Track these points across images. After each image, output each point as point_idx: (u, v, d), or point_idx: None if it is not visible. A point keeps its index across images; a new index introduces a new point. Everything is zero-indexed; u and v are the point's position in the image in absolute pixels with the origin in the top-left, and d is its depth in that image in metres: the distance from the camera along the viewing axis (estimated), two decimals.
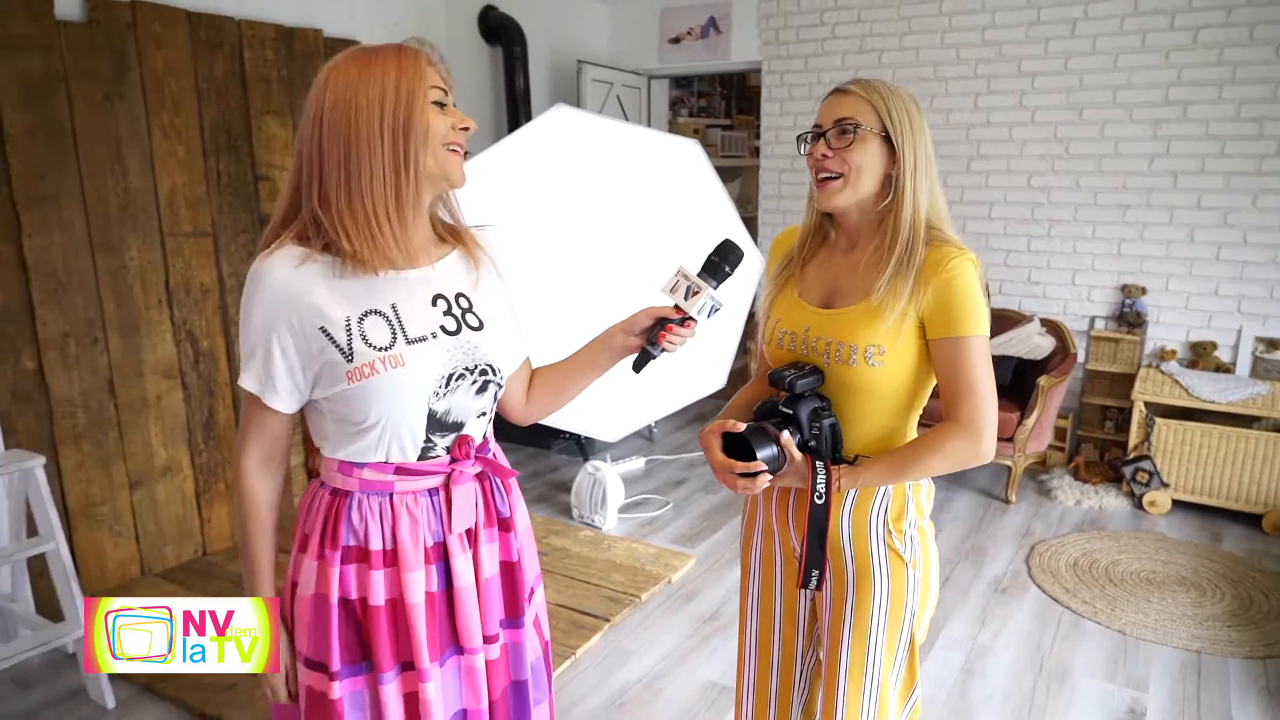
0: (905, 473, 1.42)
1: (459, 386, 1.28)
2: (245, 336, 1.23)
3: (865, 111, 1.42)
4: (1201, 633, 3.02)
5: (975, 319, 1.39)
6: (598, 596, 3.23)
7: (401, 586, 1.27)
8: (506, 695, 1.41)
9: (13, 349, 2.92)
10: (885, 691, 1.52)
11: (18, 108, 2.84)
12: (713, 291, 1.36)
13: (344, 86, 1.18)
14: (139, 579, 3.35)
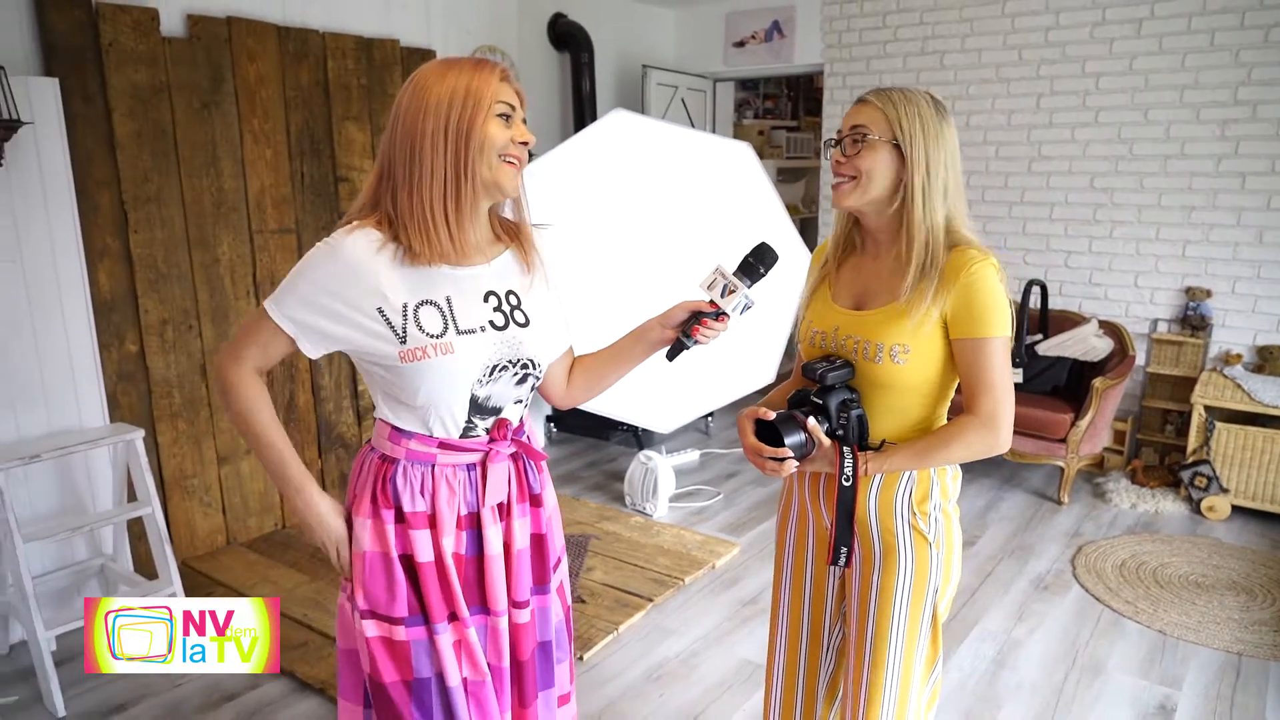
0: (927, 460, 1.53)
1: (501, 376, 1.41)
2: (296, 281, 1.35)
3: (877, 120, 1.52)
4: (1246, 635, 3.00)
5: (995, 320, 1.48)
6: (643, 578, 3.38)
7: (439, 548, 1.42)
8: (535, 654, 1.56)
9: (118, 334, 3.24)
10: (909, 665, 1.61)
11: (126, 116, 3.16)
12: (747, 290, 1.48)
13: (419, 91, 1.32)
14: (225, 548, 3.65)
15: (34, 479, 2.95)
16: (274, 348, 1.39)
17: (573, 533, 3.77)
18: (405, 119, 1.32)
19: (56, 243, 2.94)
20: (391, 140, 1.34)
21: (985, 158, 4.83)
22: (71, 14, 2.99)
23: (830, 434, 1.54)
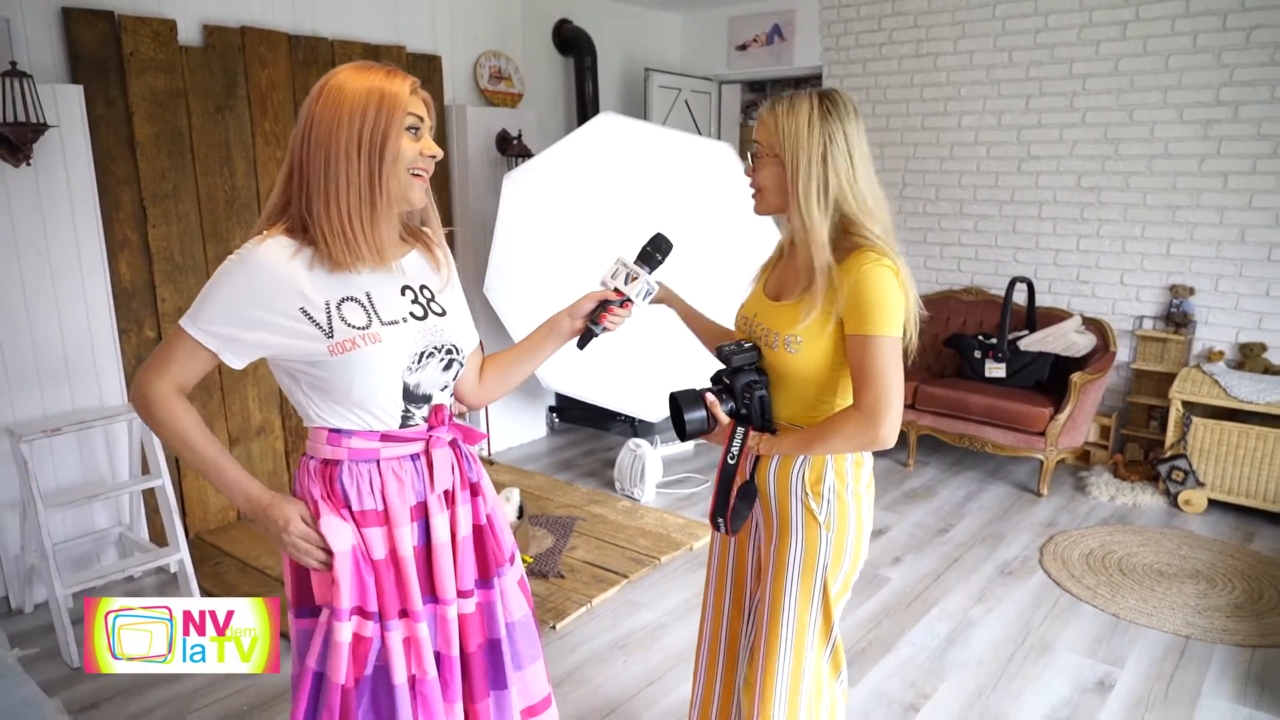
0: (811, 447, 1.65)
1: (429, 364, 1.48)
2: (211, 295, 1.36)
3: (765, 134, 1.63)
4: (1197, 620, 3.10)
5: (882, 320, 1.54)
6: (622, 557, 3.56)
7: (394, 541, 1.47)
8: (483, 650, 1.59)
9: (137, 320, 3.50)
10: (802, 631, 1.74)
11: (146, 119, 3.42)
12: (648, 277, 1.62)
13: (331, 104, 1.35)
14: (235, 523, 3.91)
15: (58, 452, 3.21)
16: (194, 364, 1.39)
17: (562, 515, 3.96)
18: (318, 129, 1.36)
19: (80, 236, 3.21)
20: (305, 148, 1.37)
21: (976, 157, 4.93)
22: (96, 26, 3.26)
23: (735, 413, 1.68)
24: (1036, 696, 2.67)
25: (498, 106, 4.74)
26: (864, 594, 3.30)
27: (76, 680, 2.78)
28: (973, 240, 5.03)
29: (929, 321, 4.99)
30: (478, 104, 4.70)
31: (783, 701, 1.78)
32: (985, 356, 4.48)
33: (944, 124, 5.02)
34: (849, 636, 3.00)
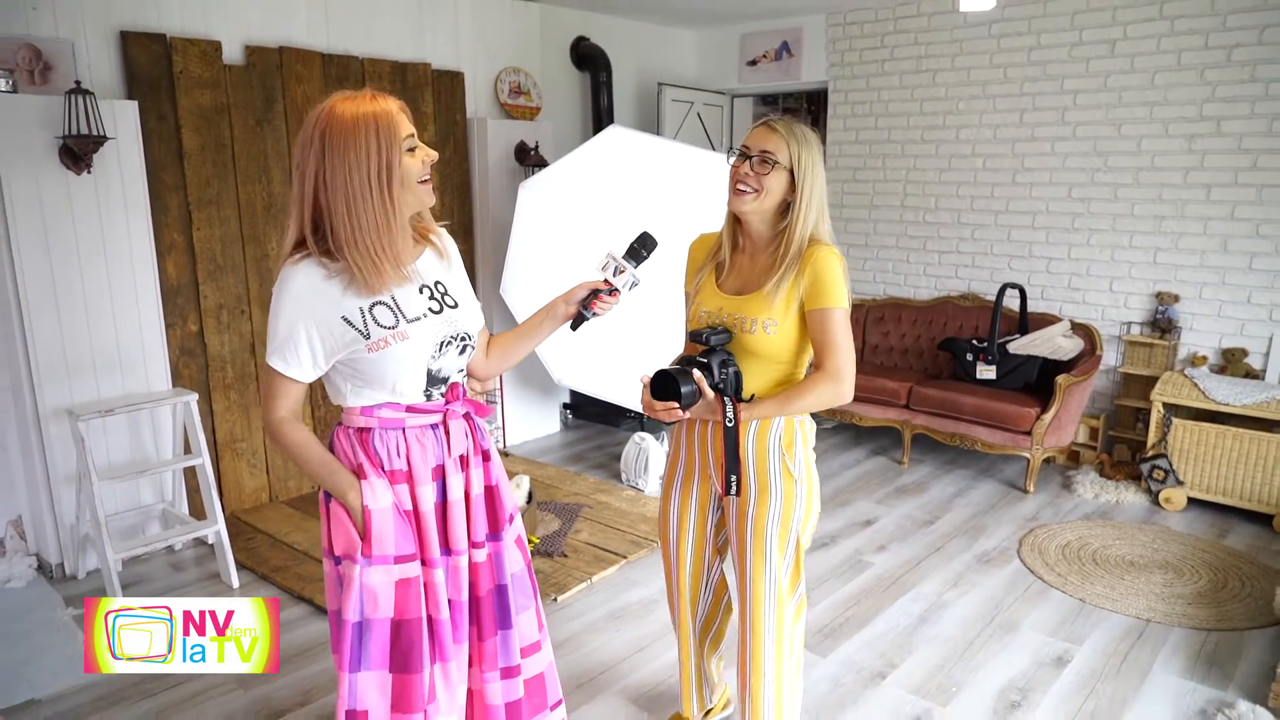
0: (787, 408, 1.96)
1: (448, 351, 1.76)
2: (275, 327, 1.61)
3: (782, 149, 1.93)
4: (1159, 606, 3.29)
5: (835, 295, 1.91)
6: (623, 540, 3.82)
7: (416, 498, 1.73)
8: (491, 594, 1.84)
9: (181, 315, 3.83)
10: (779, 579, 2.05)
11: (193, 131, 3.75)
12: (633, 270, 1.89)
13: (336, 147, 1.55)
14: (268, 504, 4.22)
15: (110, 433, 3.54)
16: (291, 390, 1.66)
17: (569, 502, 4.23)
18: (331, 180, 1.56)
19: (133, 238, 3.54)
20: (320, 194, 1.58)
21: (973, 169, 5.14)
22: (150, 47, 3.59)
23: (712, 387, 1.96)
24: (996, 669, 2.88)
25: (517, 119, 5.03)
26: (845, 576, 3.53)
27: None
28: (969, 248, 5.24)
29: (926, 325, 5.24)
30: (498, 117, 5.00)
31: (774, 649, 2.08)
32: (976, 359, 4.68)
33: (942, 136, 5.24)
34: (831, 614, 3.23)
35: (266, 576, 3.50)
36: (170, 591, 3.43)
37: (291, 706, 2.67)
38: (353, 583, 1.70)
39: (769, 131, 1.95)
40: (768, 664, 2.08)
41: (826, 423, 5.61)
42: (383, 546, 1.70)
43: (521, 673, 1.95)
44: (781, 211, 1.96)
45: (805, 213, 1.93)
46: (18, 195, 3.21)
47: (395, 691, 1.76)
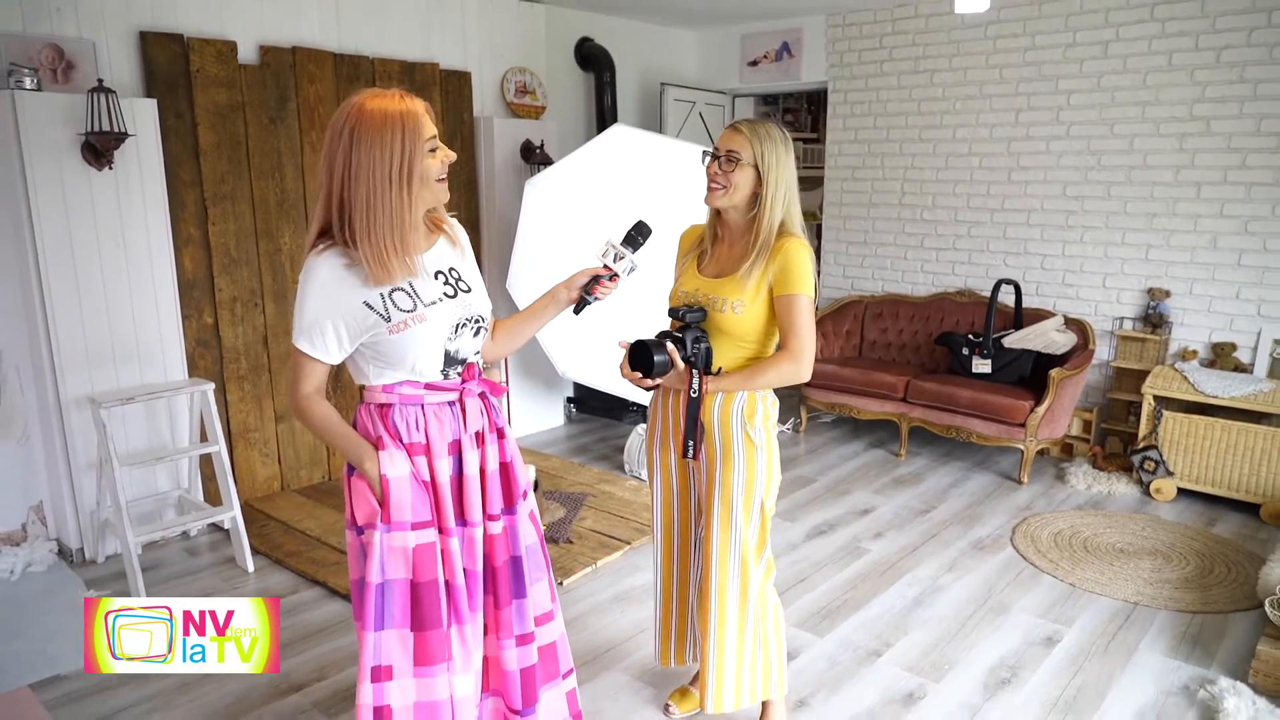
0: (751, 383, 2.14)
1: (463, 333, 1.89)
2: (301, 312, 1.71)
3: (746, 148, 2.12)
4: (1147, 590, 3.39)
5: (801, 283, 2.09)
6: (626, 527, 3.92)
7: (433, 471, 1.87)
8: (508, 565, 2.01)
9: (197, 308, 3.94)
10: (745, 540, 2.21)
11: (209, 129, 3.85)
12: (631, 255, 2.02)
13: (364, 145, 1.65)
14: (280, 492, 4.32)
15: (129, 421, 3.64)
16: (315, 370, 1.76)
17: (574, 491, 4.33)
18: (355, 169, 1.65)
19: (151, 232, 3.64)
20: (341, 183, 1.67)
21: (970, 168, 5.24)
22: (168, 47, 3.70)
23: (685, 360, 2.11)
24: (988, 648, 2.98)
25: (522, 118, 5.14)
26: (843, 562, 3.63)
27: None
28: (966, 245, 5.34)
29: (924, 321, 5.34)
30: (504, 116, 5.11)
31: (737, 607, 2.21)
32: (972, 353, 4.79)
33: (940, 136, 5.34)
34: (829, 596, 3.33)
35: (281, 561, 3.60)
36: (187, 575, 3.53)
37: (309, 681, 2.77)
38: (374, 548, 1.81)
39: (734, 133, 2.14)
40: (731, 619, 2.23)
41: (826, 416, 5.71)
42: (400, 513, 1.81)
43: (535, 640, 2.06)
44: (752, 203, 2.14)
45: (772, 203, 2.11)
46: (42, 190, 3.32)
47: (416, 648, 1.87)
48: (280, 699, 2.68)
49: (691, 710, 2.59)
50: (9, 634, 3.05)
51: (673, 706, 2.59)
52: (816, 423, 5.66)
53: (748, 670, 2.28)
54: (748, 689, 2.30)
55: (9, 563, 3.49)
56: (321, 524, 3.93)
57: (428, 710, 1.89)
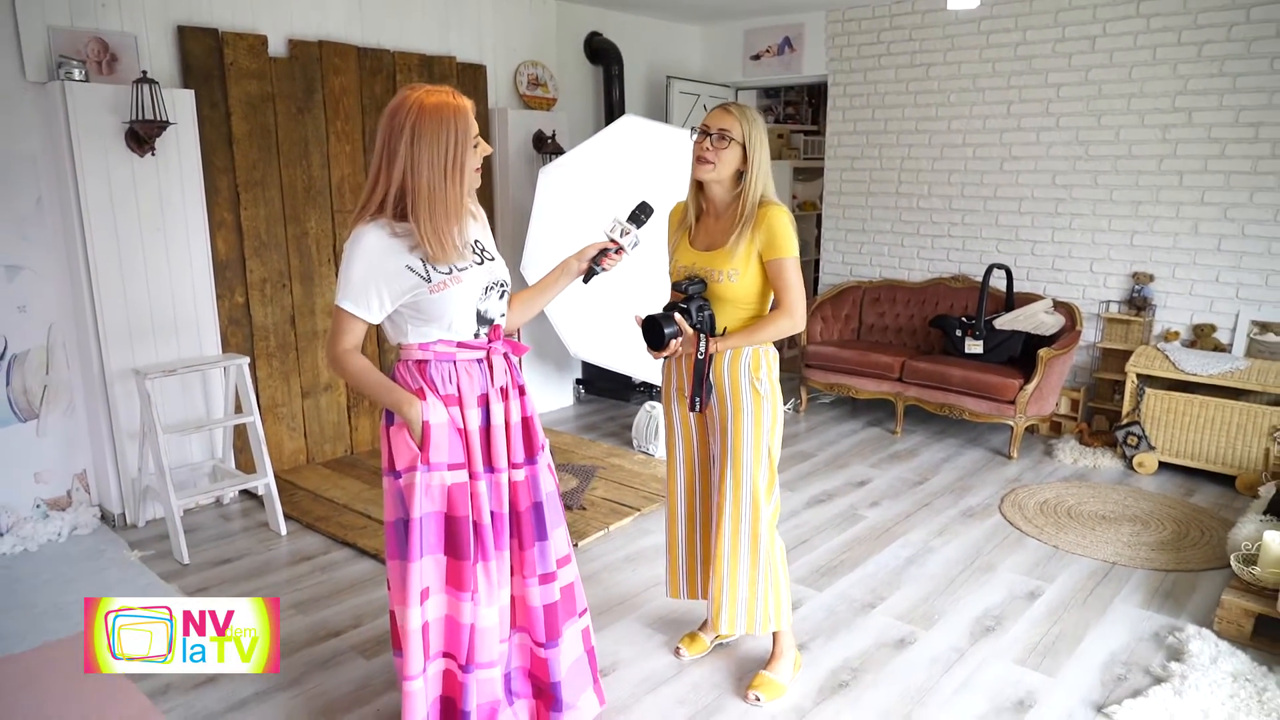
0: (754, 338, 2.39)
1: (491, 295, 2.14)
2: (347, 275, 1.92)
3: (735, 127, 2.34)
4: (1125, 551, 3.61)
5: (787, 246, 2.34)
6: (636, 495, 4.15)
7: (465, 420, 2.15)
8: (530, 510, 2.26)
9: (230, 288, 4.16)
10: (756, 483, 2.45)
11: (241, 119, 4.07)
12: (636, 231, 2.25)
13: (426, 139, 1.88)
14: (305, 465, 4.55)
15: (168, 392, 3.87)
16: (354, 328, 1.97)
17: (586, 464, 4.56)
18: (418, 160, 1.88)
19: (189, 216, 3.86)
20: (404, 174, 1.89)
21: (964, 158, 5.46)
22: (204, 41, 3.92)
23: (691, 327, 2.35)
24: (974, 601, 3.21)
25: (534, 110, 5.35)
26: (841, 527, 3.85)
27: (186, 573, 3.42)
28: (960, 232, 5.56)
29: (919, 305, 5.56)
30: (517, 107, 5.32)
31: (749, 540, 2.46)
32: (965, 335, 5.01)
33: (935, 127, 5.56)
34: (828, 557, 3.55)
35: (311, 525, 3.83)
36: (223, 538, 3.75)
37: (346, 628, 3.00)
38: (414, 487, 2.05)
39: (724, 113, 2.36)
40: (744, 549, 2.47)
41: (825, 397, 5.94)
42: (439, 454, 2.05)
43: (557, 580, 2.29)
44: (736, 179, 2.38)
45: (755, 179, 2.35)
46: (90, 175, 3.54)
47: (449, 574, 2.11)
48: (320, 643, 2.91)
49: (700, 652, 2.82)
50: (65, 587, 3.28)
51: (683, 649, 2.82)
52: (816, 403, 5.88)
53: (761, 600, 2.51)
54: (760, 617, 2.53)
55: (56, 526, 3.72)
56: (348, 493, 4.16)
57: (453, 626, 2.13)
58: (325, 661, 2.80)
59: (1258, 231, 4.50)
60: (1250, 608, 2.87)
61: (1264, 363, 4.34)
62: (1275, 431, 4.17)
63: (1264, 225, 4.48)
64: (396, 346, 2.12)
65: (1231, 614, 2.90)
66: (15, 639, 2.92)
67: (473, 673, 2.14)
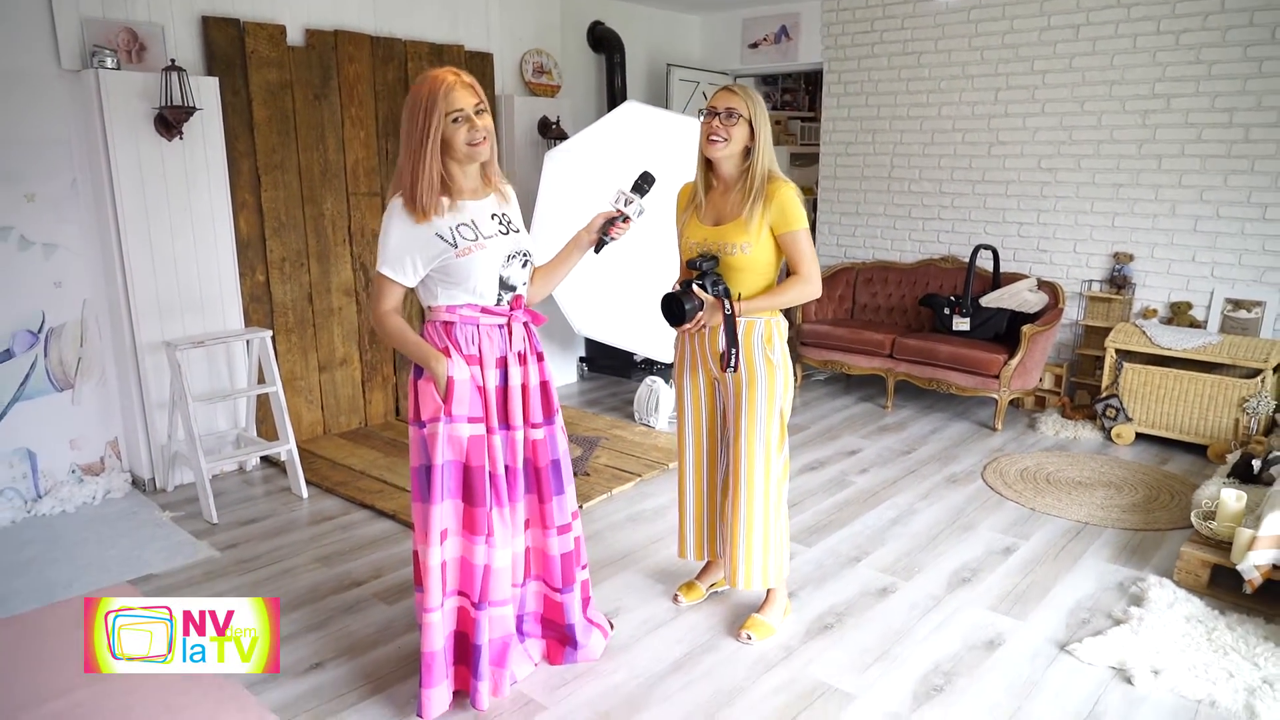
0: (774, 302, 2.59)
1: (514, 263, 2.36)
2: (385, 244, 2.18)
3: (741, 106, 2.54)
4: (1098, 512, 3.84)
5: (797, 219, 2.54)
6: (637, 463, 4.37)
7: (485, 378, 2.36)
8: (549, 466, 2.49)
9: (251, 266, 4.37)
10: (769, 443, 2.66)
11: (261, 105, 4.28)
12: (640, 200, 2.45)
13: (409, 109, 2.14)
14: (322, 436, 4.78)
15: (193, 365, 4.09)
16: (393, 291, 2.24)
17: (589, 434, 4.78)
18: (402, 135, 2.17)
19: (214, 198, 4.08)
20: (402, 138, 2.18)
21: (953, 143, 5.66)
22: (226, 30, 4.12)
23: (712, 295, 2.54)
24: (953, 556, 3.43)
25: (540, 96, 5.56)
26: (830, 491, 4.08)
27: (216, 531, 3.65)
28: (949, 215, 5.77)
29: (910, 286, 5.78)
30: (523, 94, 5.52)
31: (763, 496, 2.68)
32: (953, 312, 5.22)
33: (926, 113, 5.75)
34: (817, 518, 3.78)
35: (330, 490, 4.06)
36: (248, 501, 3.98)
37: (368, 579, 3.23)
38: (437, 436, 2.27)
39: (730, 94, 2.56)
40: (758, 505, 2.67)
41: (820, 374, 6.16)
42: (460, 408, 2.27)
43: (572, 531, 2.52)
44: (744, 155, 2.57)
45: (762, 153, 2.55)
46: (121, 158, 3.75)
47: (464, 518, 2.33)
48: (345, 591, 3.14)
49: (696, 599, 3.05)
50: (104, 545, 3.51)
51: (681, 596, 3.05)
52: (811, 380, 6.11)
53: (774, 555, 2.73)
54: (774, 571, 2.75)
55: (90, 490, 3.95)
56: (364, 460, 4.39)
57: (467, 567, 2.36)
58: (349, 607, 3.03)
59: (1231, 213, 4.71)
60: (1207, 559, 3.09)
61: (1236, 338, 4.55)
62: (1245, 403, 4.38)
63: (1237, 207, 4.68)
64: (426, 308, 2.34)
65: (1190, 565, 3.13)
66: (61, 588, 3.16)
67: (485, 609, 2.37)
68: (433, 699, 2.33)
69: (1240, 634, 2.76)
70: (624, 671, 2.65)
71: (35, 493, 3.86)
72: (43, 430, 3.87)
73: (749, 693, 2.54)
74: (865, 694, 2.54)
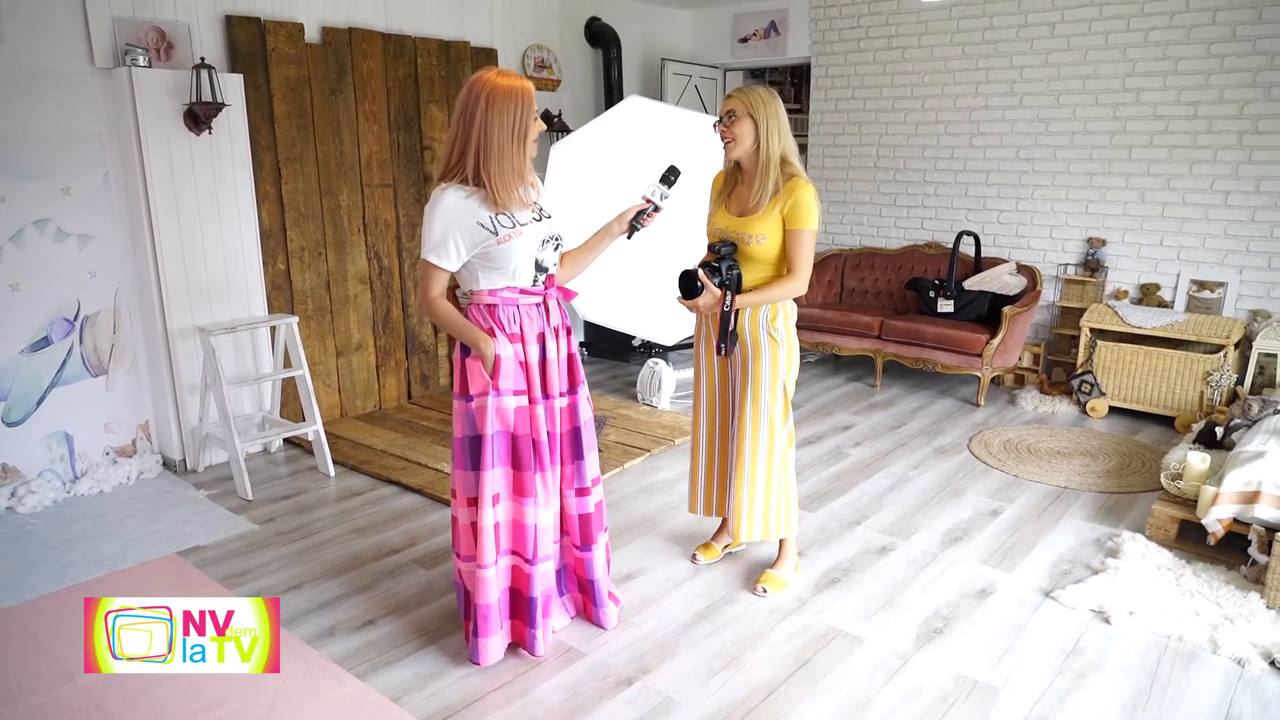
0: (767, 297, 2.80)
1: (548, 247, 2.58)
2: (430, 232, 2.33)
3: (739, 106, 2.76)
4: (1076, 478, 4.14)
5: (808, 219, 2.74)
6: (645, 439, 4.62)
7: (527, 354, 2.58)
8: (570, 433, 2.71)
9: (272, 255, 4.56)
10: (773, 415, 2.90)
11: (281, 100, 4.46)
12: (667, 191, 2.69)
13: (499, 108, 2.29)
14: (340, 418, 4.98)
15: (222, 349, 4.28)
16: (439, 277, 2.40)
17: (598, 414, 5.02)
18: (491, 125, 2.30)
19: (239, 190, 4.26)
20: (481, 134, 2.30)
21: (936, 134, 5.94)
22: (248, 29, 4.30)
23: (721, 284, 2.78)
24: (945, 519, 3.72)
25: (541, 90, 5.77)
26: (828, 462, 4.36)
27: (251, 508, 3.86)
28: (933, 203, 6.05)
29: (896, 271, 6.06)
30: None
31: (765, 461, 2.92)
32: (937, 295, 5.51)
33: (910, 106, 6.03)
34: (817, 486, 4.05)
35: (355, 468, 4.27)
36: (277, 479, 4.19)
37: (404, 546, 3.46)
38: (486, 409, 2.49)
39: (728, 99, 2.80)
40: (760, 467, 2.93)
41: (811, 355, 6.43)
42: (506, 382, 2.50)
43: (591, 495, 2.76)
44: (756, 150, 2.77)
45: (768, 138, 2.72)
46: (153, 153, 3.92)
47: (514, 483, 2.56)
48: (384, 559, 3.37)
49: (713, 559, 3.30)
50: (147, 520, 3.70)
51: (699, 555, 3.31)
52: (804, 361, 6.35)
53: (774, 511, 2.98)
54: (775, 524, 3.00)
55: (124, 471, 4.13)
56: (383, 440, 4.60)
57: (519, 528, 2.59)
58: (391, 573, 3.26)
59: (1196, 200, 5.03)
60: (1175, 515, 3.40)
61: (1200, 316, 4.88)
62: (1209, 376, 4.71)
63: (1201, 194, 5.00)
64: (468, 293, 2.55)
65: (1160, 521, 3.43)
66: (117, 558, 3.35)
67: (536, 565, 2.61)
68: (489, 647, 2.57)
69: (1205, 579, 3.07)
70: (653, 622, 2.90)
71: (73, 474, 4.04)
72: (79, 414, 4.04)
73: (769, 636, 2.81)
74: (873, 636, 2.81)
